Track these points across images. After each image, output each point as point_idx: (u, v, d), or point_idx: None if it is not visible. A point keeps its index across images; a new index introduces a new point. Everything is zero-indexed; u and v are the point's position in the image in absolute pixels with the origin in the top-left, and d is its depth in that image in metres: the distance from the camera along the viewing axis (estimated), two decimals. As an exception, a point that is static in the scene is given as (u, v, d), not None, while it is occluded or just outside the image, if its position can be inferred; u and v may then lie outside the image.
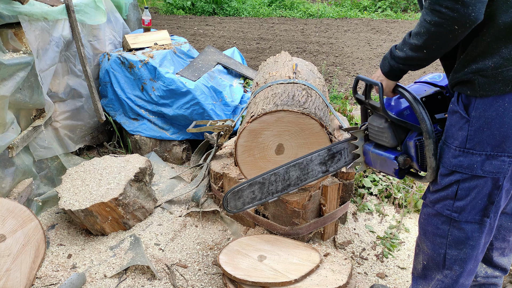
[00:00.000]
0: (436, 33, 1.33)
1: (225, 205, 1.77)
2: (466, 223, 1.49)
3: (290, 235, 2.26)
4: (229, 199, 1.76)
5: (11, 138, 2.34)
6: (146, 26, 3.69)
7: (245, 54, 6.59)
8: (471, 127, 1.40)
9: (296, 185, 1.82)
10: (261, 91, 2.47)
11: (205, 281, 2.13)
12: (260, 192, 1.78)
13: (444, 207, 1.53)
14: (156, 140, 3.32)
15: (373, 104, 1.59)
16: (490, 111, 1.36)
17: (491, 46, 1.33)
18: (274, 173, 1.76)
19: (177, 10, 10.27)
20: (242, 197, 1.78)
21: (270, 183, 1.77)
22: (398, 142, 1.59)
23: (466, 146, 1.43)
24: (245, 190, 1.77)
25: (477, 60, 1.36)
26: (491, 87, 1.33)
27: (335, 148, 1.80)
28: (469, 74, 1.38)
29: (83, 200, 2.32)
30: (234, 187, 1.75)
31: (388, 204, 2.84)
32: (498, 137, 1.37)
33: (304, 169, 1.78)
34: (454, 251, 1.54)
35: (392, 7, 11.04)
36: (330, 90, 4.92)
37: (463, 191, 1.47)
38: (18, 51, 2.42)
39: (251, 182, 1.75)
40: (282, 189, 1.81)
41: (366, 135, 1.75)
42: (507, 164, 1.39)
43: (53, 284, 2.08)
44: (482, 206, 1.46)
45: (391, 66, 1.52)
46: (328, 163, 1.80)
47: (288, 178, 1.78)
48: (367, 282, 2.17)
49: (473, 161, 1.42)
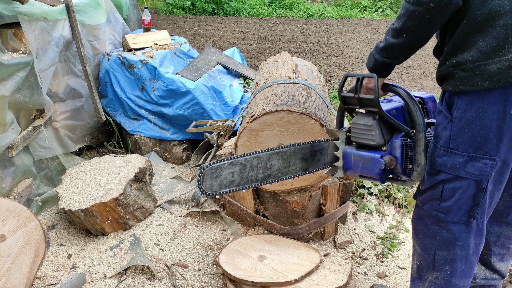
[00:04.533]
0: (413, 12, 1.32)
1: (200, 182, 1.56)
2: (453, 224, 1.49)
3: (290, 235, 2.26)
4: (206, 176, 1.57)
5: (11, 138, 2.34)
6: (146, 26, 3.69)
7: (245, 54, 6.59)
8: (454, 127, 1.40)
9: (276, 177, 1.72)
10: (261, 91, 2.47)
11: (205, 281, 2.13)
12: (240, 176, 1.65)
13: (432, 208, 1.53)
14: (156, 140, 3.32)
15: (365, 97, 1.55)
16: (470, 112, 1.35)
17: (469, 39, 1.32)
18: (257, 157, 1.66)
19: (177, 10, 10.27)
20: (220, 177, 1.61)
21: (252, 168, 1.67)
22: (385, 141, 1.57)
23: (450, 146, 1.43)
24: (225, 169, 1.61)
25: (457, 53, 1.35)
26: (469, 82, 1.32)
27: (317, 146, 1.75)
28: (450, 68, 1.38)
29: (83, 200, 2.32)
30: (214, 162, 1.58)
31: (388, 204, 2.84)
32: (479, 139, 1.36)
33: (286, 161, 1.71)
34: (443, 251, 1.54)
35: (392, 7, 11.04)
36: (330, 90, 4.92)
37: (448, 192, 1.47)
38: (18, 51, 2.42)
39: (232, 161, 1.61)
40: (262, 179, 1.71)
41: (347, 137, 1.71)
42: (489, 167, 1.38)
43: (53, 284, 2.08)
44: (467, 208, 1.46)
45: (375, 60, 1.52)
46: (309, 160, 1.75)
47: (270, 166, 1.69)
48: (367, 282, 2.17)
49: (456, 161, 1.42)
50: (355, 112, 1.66)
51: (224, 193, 1.63)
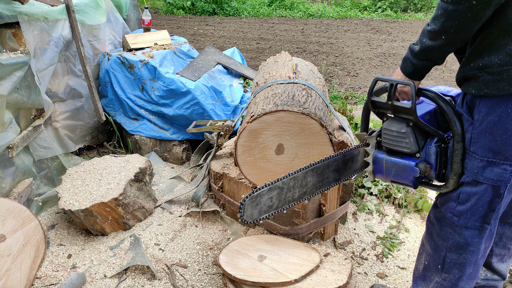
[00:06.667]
0: (454, 12, 1.25)
1: (241, 213, 1.56)
2: (466, 229, 1.48)
3: (290, 235, 2.26)
4: (247, 206, 1.57)
5: (10, 138, 2.34)
6: (146, 26, 3.69)
7: (245, 54, 6.59)
8: (474, 130, 1.38)
9: (311, 193, 1.69)
10: (261, 91, 2.47)
11: (205, 281, 2.13)
12: (278, 199, 1.64)
13: (448, 209, 1.52)
14: (156, 140, 3.32)
15: (400, 105, 1.49)
16: (492, 116, 1.32)
17: (498, 41, 1.27)
18: (293, 178, 1.62)
19: (177, 10, 10.27)
20: (259, 204, 1.61)
21: (289, 189, 1.63)
22: (419, 148, 1.52)
23: (470, 149, 1.41)
24: (264, 195, 1.61)
25: (483, 55, 1.31)
26: (495, 85, 1.29)
27: (349, 155, 1.70)
28: (475, 70, 1.33)
29: (83, 200, 2.32)
30: (253, 192, 1.57)
31: (388, 204, 2.84)
32: (500, 144, 1.33)
33: (320, 175, 1.67)
34: (453, 255, 1.53)
35: (392, 7, 11.04)
36: (330, 90, 4.92)
37: (464, 195, 1.45)
38: (16, 51, 2.42)
39: (271, 187, 1.60)
40: (298, 198, 1.68)
41: (378, 142, 1.65)
42: (509, 172, 1.36)
43: (53, 284, 2.08)
44: (482, 213, 1.44)
45: (414, 65, 1.45)
46: (341, 171, 1.71)
47: (305, 184, 1.66)
48: (367, 282, 2.17)
49: (474, 165, 1.40)
50: (385, 117, 1.60)
51: (263, 218, 1.63)
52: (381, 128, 1.62)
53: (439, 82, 5.50)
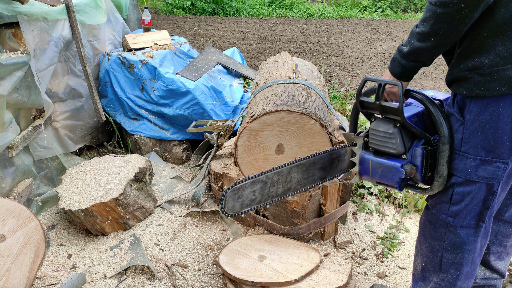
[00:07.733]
0: (442, 14, 1.25)
1: (222, 205, 1.58)
2: (462, 228, 1.48)
3: (290, 235, 2.26)
4: (229, 198, 1.59)
5: (10, 138, 2.34)
6: (146, 26, 3.69)
7: (245, 54, 6.59)
8: (466, 130, 1.38)
9: (295, 190, 1.70)
10: (261, 91, 2.47)
11: (205, 281, 2.13)
12: (261, 193, 1.65)
13: (440, 211, 1.52)
14: (156, 140, 3.32)
15: (387, 105, 1.49)
16: (484, 115, 1.33)
17: (487, 42, 1.28)
18: (278, 172, 1.64)
19: (177, 10, 10.27)
20: (242, 197, 1.62)
21: (272, 183, 1.67)
22: (405, 149, 1.52)
23: (461, 149, 1.41)
24: (247, 188, 1.62)
25: (473, 57, 1.31)
26: (486, 86, 1.29)
27: (335, 153, 1.71)
28: (465, 71, 1.34)
29: (83, 200, 2.32)
30: (235, 184, 1.58)
31: (388, 204, 2.84)
32: (492, 142, 1.34)
33: (306, 172, 1.68)
34: (450, 255, 1.53)
35: (392, 7, 11.04)
36: (330, 90, 4.92)
37: (458, 196, 1.46)
38: (16, 51, 2.42)
39: (253, 180, 1.61)
40: (282, 193, 1.70)
41: (365, 142, 1.66)
42: (502, 170, 1.37)
43: (53, 284, 2.08)
44: (477, 212, 1.45)
45: (403, 66, 1.45)
46: (327, 169, 1.71)
47: (289, 180, 1.67)
48: (367, 282, 2.17)
49: (467, 165, 1.40)
50: (373, 117, 1.60)
51: (245, 211, 1.62)
52: (369, 129, 1.63)
53: (439, 82, 5.50)
